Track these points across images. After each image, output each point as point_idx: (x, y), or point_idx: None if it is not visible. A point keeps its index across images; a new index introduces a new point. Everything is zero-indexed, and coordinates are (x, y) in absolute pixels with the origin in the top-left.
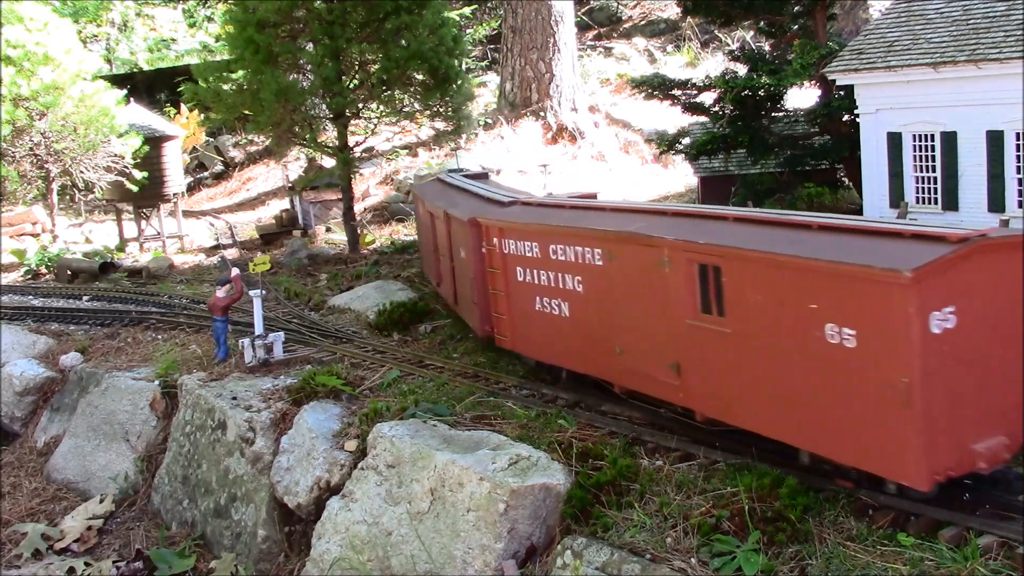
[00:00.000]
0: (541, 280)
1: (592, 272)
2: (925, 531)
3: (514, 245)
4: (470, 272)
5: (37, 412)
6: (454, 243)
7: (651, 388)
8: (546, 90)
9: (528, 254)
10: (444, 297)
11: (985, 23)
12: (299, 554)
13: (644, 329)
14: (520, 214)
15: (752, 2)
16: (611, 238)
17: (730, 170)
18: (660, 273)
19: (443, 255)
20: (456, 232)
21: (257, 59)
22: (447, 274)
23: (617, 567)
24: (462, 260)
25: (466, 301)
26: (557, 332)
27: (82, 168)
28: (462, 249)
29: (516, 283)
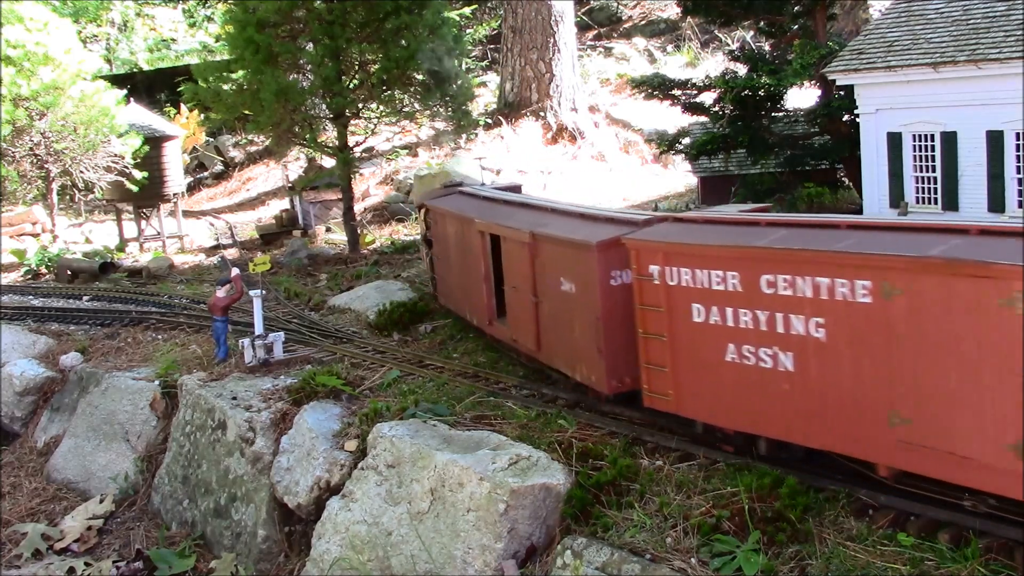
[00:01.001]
0: (741, 322)
1: (847, 312)
2: (925, 531)
3: (689, 275)
4: (589, 310)
5: (37, 412)
6: (546, 272)
7: (968, 476)
8: (546, 90)
9: (717, 287)
10: (505, 339)
11: (985, 23)
12: (299, 554)
13: (956, 394)
14: (686, 233)
15: (752, 2)
16: (898, 265)
17: (730, 170)
18: (1002, 316)
19: (517, 288)
20: (555, 258)
21: (257, 59)
22: (523, 312)
23: (617, 567)
24: (565, 295)
25: (572, 347)
26: (767, 392)
27: (82, 168)
28: (567, 280)
29: (690, 325)
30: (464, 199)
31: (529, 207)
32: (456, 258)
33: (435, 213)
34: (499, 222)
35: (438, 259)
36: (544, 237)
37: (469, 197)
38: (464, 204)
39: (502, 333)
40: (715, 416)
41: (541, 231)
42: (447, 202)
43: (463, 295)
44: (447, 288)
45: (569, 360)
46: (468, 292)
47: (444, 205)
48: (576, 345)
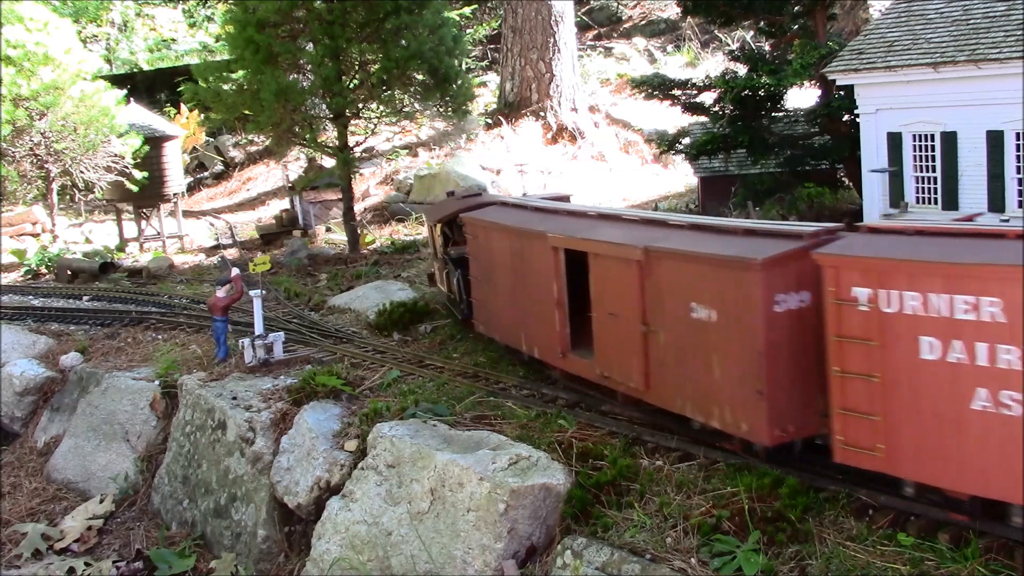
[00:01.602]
0: (1002, 361)
1: None
2: (925, 531)
3: (919, 300)
4: (741, 343)
5: (37, 412)
6: (664, 296)
7: None
8: (546, 90)
9: (964, 316)
10: (588, 376)
11: (985, 23)
12: (299, 554)
13: None
14: (909, 248)
15: (752, 2)
16: None
17: (730, 170)
18: None
19: (616, 315)
20: (682, 279)
21: (257, 59)
22: (622, 344)
23: (617, 567)
24: (698, 324)
25: (707, 388)
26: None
27: (82, 168)
28: (702, 306)
29: (916, 363)
30: (513, 211)
31: (612, 218)
32: (508, 279)
33: (476, 227)
34: (584, 236)
35: (477, 280)
36: (665, 254)
37: (519, 208)
38: (519, 216)
39: (582, 368)
40: (946, 478)
41: (660, 246)
42: (492, 214)
43: (516, 323)
44: (489, 314)
45: (701, 403)
46: (526, 319)
47: (491, 217)
48: (715, 385)
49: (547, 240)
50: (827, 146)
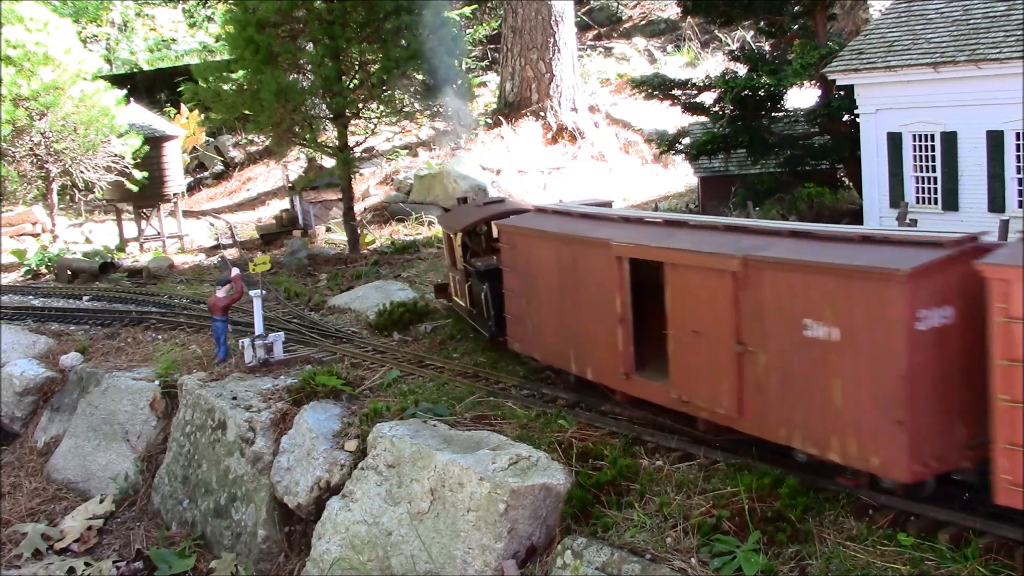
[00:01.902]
0: None
1: None
2: (925, 531)
3: None
4: (875, 366)
5: (37, 412)
6: (767, 312)
7: None
8: (546, 90)
9: None
10: (661, 401)
11: (985, 23)
12: (299, 554)
13: None
14: None
15: (752, 2)
16: None
17: (730, 170)
18: None
19: (701, 333)
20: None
21: (257, 59)
22: (708, 366)
23: (617, 567)
24: (813, 344)
25: (825, 416)
26: None
27: (82, 168)
28: (820, 323)
29: None
30: (557, 217)
31: (682, 225)
32: (554, 292)
33: (514, 235)
34: (659, 244)
35: (513, 294)
36: (771, 264)
37: (562, 215)
38: (567, 224)
39: (653, 392)
40: None
41: (762, 255)
42: (533, 221)
43: (564, 341)
44: (528, 331)
45: (814, 433)
46: (577, 337)
47: (533, 225)
48: (836, 413)
49: (610, 249)
50: (827, 146)
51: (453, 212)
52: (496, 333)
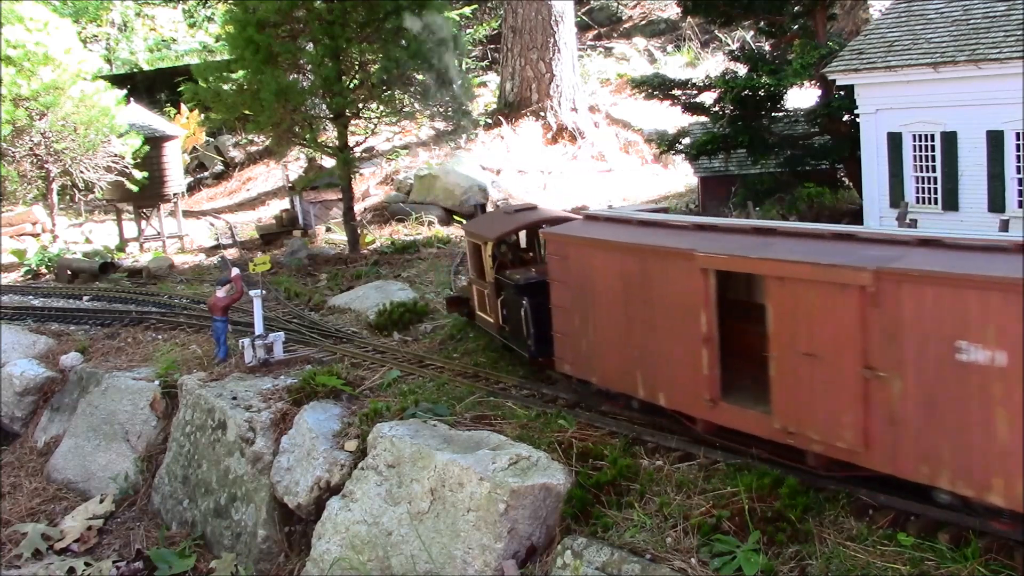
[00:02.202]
0: None
1: None
2: (925, 531)
3: None
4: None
5: (37, 412)
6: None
7: None
8: (546, 90)
9: None
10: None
11: (985, 23)
12: (299, 554)
13: None
14: None
15: (752, 2)
16: None
17: (730, 170)
18: None
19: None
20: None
21: (257, 59)
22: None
23: (617, 567)
24: (967, 369)
25: (984, 454)
26: None
27: (82, 168)
28: (978, 345)
29: None
30: (614, 225)
31: (777, 233)
32: (617, 308)
33: (566, 245)
34: (758, 255)
35: (563, 310)
36: (914, 277)
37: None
38: (631, 232)
39: (747, 421)
40: None
41: (901, 267)
42: (589, 230)
43: (629, 363)
44: (581, 352)
45: (972, 473)
46: (647, 358)
47: (591, 233)
48: (1003, 451)
49: (695, 260)
50: (827, 146)
51: (480, 220)
52: (537, 353)
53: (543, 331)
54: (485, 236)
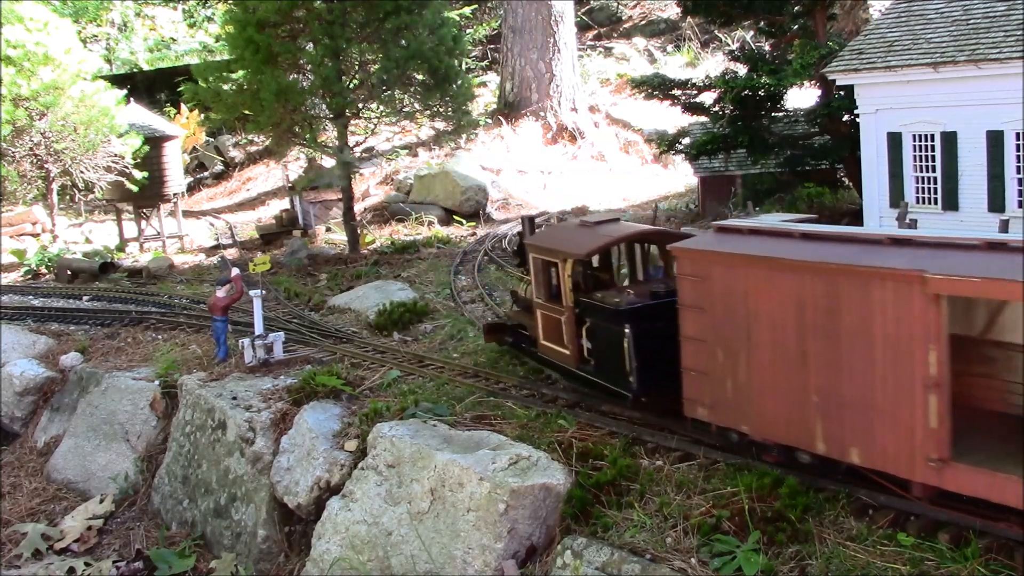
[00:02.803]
0: None
1: None
2: (925, 531)
3: None
4: None
5: (37, 412)
6: None
7: None
8: (546, 90)
9: None
10: (1012, 502)
11: (985, 23)
12: (299, 554)
13: None
14: None
15: (752, 2)
16: None
17: (730, 170)
18: None
19: None
20: None
21: (257, 59)
22: None
23: (617, 567)
24: None
25: None
26: None
27: (82, 168)
28: None
29: None
30: (774, 240)
31: (1007, 248)
32: (790, 342)
33: (715, 263)
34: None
35: (698, 342)
36: None
37: (767, 235)
38: (808, 249)
39: (999, 490)
40: None
41: None
42: (740, 244)
43: (801, 410)
44: (731, 393)
45: None
46: (831, 406)
47: (749, 249)
48: None
49: (925, 285)
50: (827, 146)
51: (552, 233)
52: (641, 391)
53: (650, 365)
54: (567, 252)
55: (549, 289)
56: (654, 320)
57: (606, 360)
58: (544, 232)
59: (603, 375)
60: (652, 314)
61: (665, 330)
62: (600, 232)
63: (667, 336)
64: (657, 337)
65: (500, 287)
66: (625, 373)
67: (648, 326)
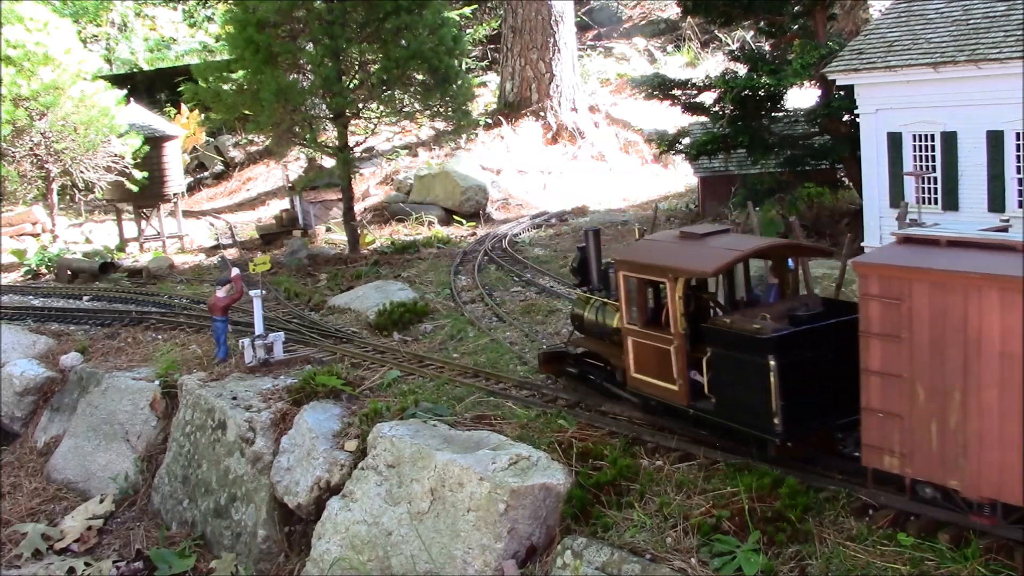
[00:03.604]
0: None
1: None
2: (925, 531)
3: None
4: None
5: (37, 412)
6: None
7: None
8: (546, 90)
9: None
10: None
11: (985, 23)
12: (299, 554)
13: None
14: None
15: (752, 2)
16: None
17: (730, 170)
18: None
19: None
20: None
21: (257, 59)
22: None
23: (617, 567)
24: None
25: None
26: None
27: (82, 168)
28: None
29: None
30: (992, 256)
31: None
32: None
33: (918, 281)
34: None
35: (890, 378)
36: None
37: (992, 250)
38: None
39: None
40: None
41: None
42: (940, 259)
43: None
44: (938, 442)
45: None
46: None
47: (967, 265)
48: None
49: None
50: (827, 146)
51: (648, 248)
52: (788, 435)
53: (797, 404)
54: (682, 269)
55: (646, 313)
56: (802, 350)
57: (737, 398)
58: (637, 247)
59: (730, 415)
60: (800, 343)
61: (813, 361)
62: (718, 245)
63: (816, 368)
64: (805, 370)
65: (500, 287)
66: (766, 413)
67: (796, 357)
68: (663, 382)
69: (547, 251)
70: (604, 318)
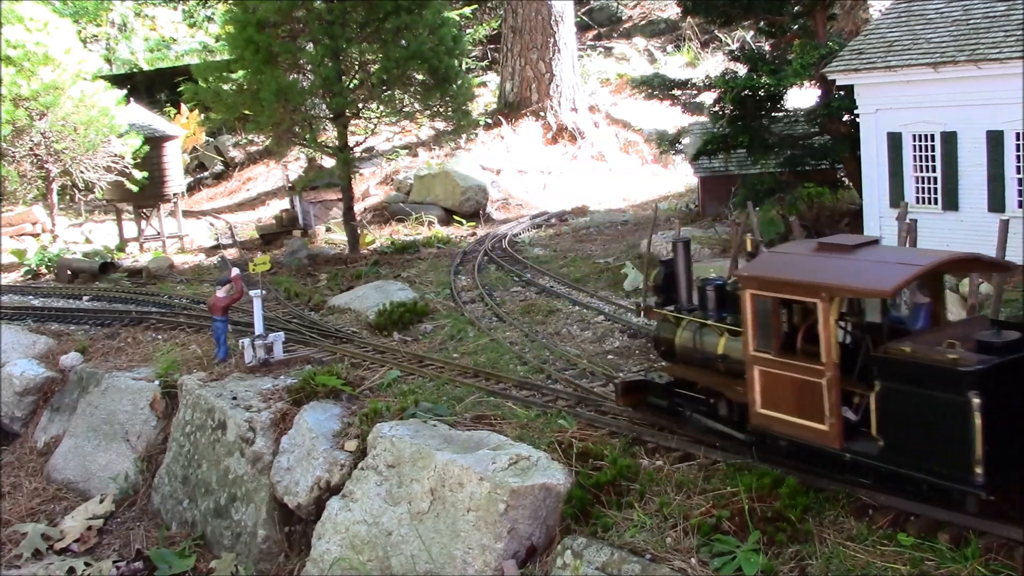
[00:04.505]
0: None
1: None
2: (925, 531)
3: None
4: None
5: (37, 412)
6: None
7: None
8: (546, 90)
9: None
10: None
11: (985, 23)
12: (299, 554)
13: None
14: None
15: (752, 2)
16: None
17: (730, 170)
18: None
19: None
20: None
21: (257, 59)
22: None
23: (617, 567)
24: None
25: None
26: None
27: (82, 168)
28: None
29: None
30: None
31: None
32: None
33: None
34: None
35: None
36: None
37: None
38: None
39: None
40: None
41: None
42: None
43: None
44: None
45: None
46: None
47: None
48: None
49: None
50: (827, 146)
51: (783, 262)
52: (990, 487)
53: (1002, 450)
54: (841, 287)
55: (781, 337)
56: (1007, 384)
57: (919, 442)
58: (768, 261)
59: (907, 462)
60: (1005, 376)
61: (1019, 397)
62: (880, 259)
63: (1020, 406)
64: (1010, 408)
65: (500, 287)
66: (964, 462)
67: (1001, 393)
68: (806, 420)
69: (547, 251)
70: (704, 342)
